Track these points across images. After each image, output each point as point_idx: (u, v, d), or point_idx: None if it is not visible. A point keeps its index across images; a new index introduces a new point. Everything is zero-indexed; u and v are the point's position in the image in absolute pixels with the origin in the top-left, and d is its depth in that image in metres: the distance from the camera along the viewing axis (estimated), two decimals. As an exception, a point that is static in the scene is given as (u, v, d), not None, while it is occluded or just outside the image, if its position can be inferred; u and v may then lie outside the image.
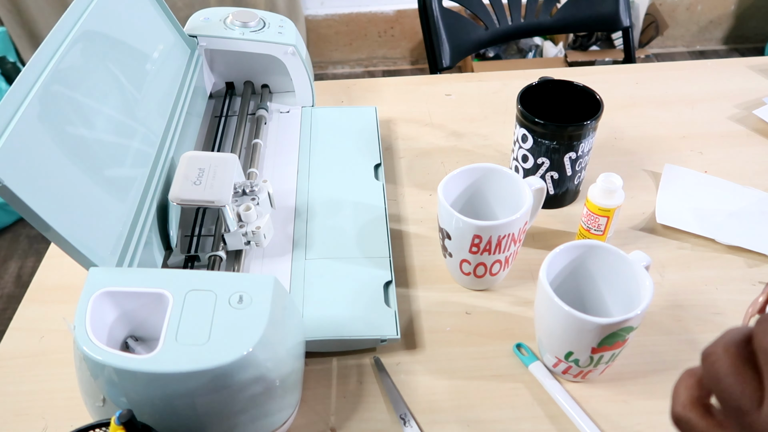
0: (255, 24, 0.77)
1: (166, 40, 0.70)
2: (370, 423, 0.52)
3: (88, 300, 0.44)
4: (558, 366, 0.53)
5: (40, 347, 0.59)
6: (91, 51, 0.57)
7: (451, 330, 0.59)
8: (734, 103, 0.88)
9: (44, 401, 0.55)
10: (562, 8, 1.19)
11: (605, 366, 0.52)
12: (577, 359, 0.50)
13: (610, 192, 0.61)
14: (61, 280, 0.66)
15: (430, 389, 0.54)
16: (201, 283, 0.45)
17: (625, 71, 0.96)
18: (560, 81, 0.70)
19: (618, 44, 2.22)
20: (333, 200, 0.69)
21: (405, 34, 2.40)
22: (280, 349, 0.46)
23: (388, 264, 0.62)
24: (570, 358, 0.51)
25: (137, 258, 0.53)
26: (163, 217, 0.60)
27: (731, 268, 0.64)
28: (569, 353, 0.50)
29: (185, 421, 0.43)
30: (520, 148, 0.68)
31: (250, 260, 0.62)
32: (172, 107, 0.67)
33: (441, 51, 1.12)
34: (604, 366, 0.52)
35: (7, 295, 1.65)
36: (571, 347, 0.50)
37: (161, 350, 0.42)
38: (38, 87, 0.48)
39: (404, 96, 0.91)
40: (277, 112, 0.81)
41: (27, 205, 0.43)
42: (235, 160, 0.60)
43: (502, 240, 0.56)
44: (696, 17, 2.40)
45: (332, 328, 0.56)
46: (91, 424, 0.42)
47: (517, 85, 0.71)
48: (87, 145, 0.52)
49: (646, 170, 0.77)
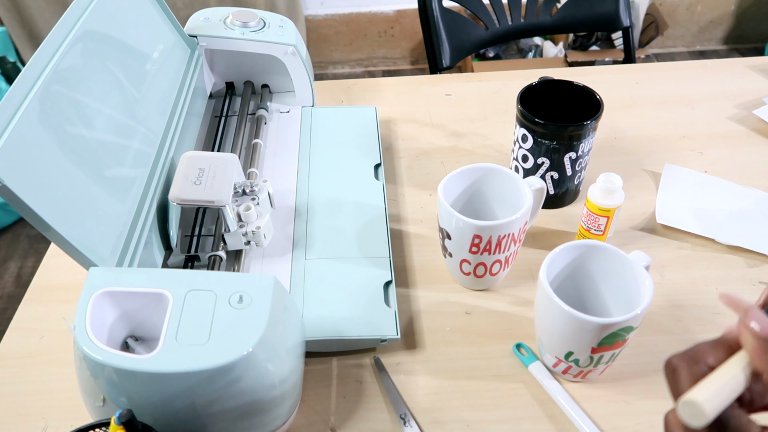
0: (255, 24, 0.77)
1: (166, 40, 0.70)
2: (370, 423, 0.52)
3: (88, 300, 0.44)
4: (558, 366, 0.53)
5: (40, 347, 0.59)
6: (91, 51, 0.57)
7: (451, 330, 0.59)
8: (734, 103, 0.88)
9: (44, 401, 0.55)
10: (562, 8, 1.19)
11: (605, 366, 0.52)
12: (577, 359, 0.50)
13: (610, 192, 0.61)
14: (61, 280, 0.66)
15: (430, 389, 0.54)
16: (201, 283, 0.45)
17: (625, 71, 0.96)
18: (560, 81, 0.70)
19: (618, 44, 2.22)
20: (333, 200, 0.69)
21: (405, 34, 2.40)
22: (280, 349, 0.46)
23: (388, 264, 0.62)
24: (570, 358, 0.51)
25: (137, 258, 0.53)
26: (163, 217, 0.60)
27: (731, 268, 0.64)
28: (569, 353, 0.50)
29: (185, 421, 0.43)
30: (520, 148, 0.68)
31: (250, 260, 0.62)
32: (172, 107, 0.67)
33: (441, 51, 1.12)
34: (604, 366, 0.52)
35: (7, 295, 1.65)
36: (571, 347, 0.50)
37: (161, 350, 0.42)
38: (38, 87, 0.48)
39: (404, 96, 0.91)
40: (277, 112, 0.81)
41: (27, 205, 0.43)
42: (235, 160, 0.60)
43: (502, 240, 0.56)
44: (696, 17, 2.40)
45: (332, 328, 0.56)
46: (91, 424, 0.42)
47: (517, 85, 0.71)
48: (87, 145, 0.52)
49: (646, 170, 0.77)
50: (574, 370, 0.52)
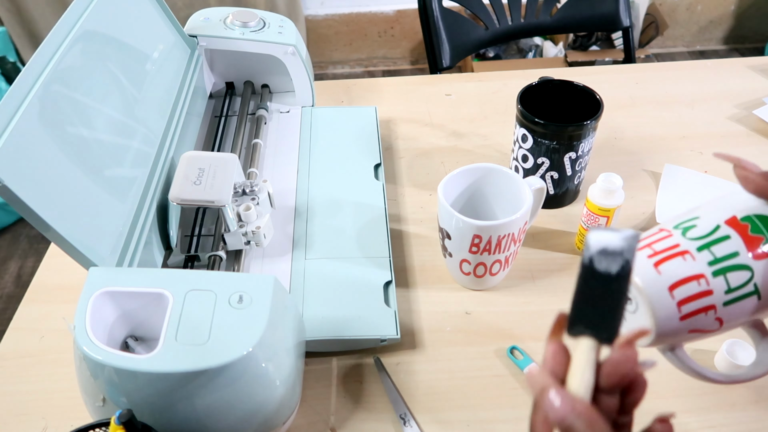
0: (255, 24, 0.77)
1: (166, 40, 0.70)
2: (370, 423, 0.52)
3: (88, 300, 0.44)
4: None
5: (40, 347, 0.59)
6: (91, 51, 0.57)
7: (451, 330, 0.59)
8: (734, 103, 0.88)
9: (44, 401, 0.55)
10: (562, 8, 1.19)
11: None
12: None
13: (610, 192, 0.61)
14: (61, 280, 0.66)
15: (430, 389, 0.54)
16: (201, 283, 0.45)
17: (625, 71, 0.96)
18: (560, 81, 0.70)
19: (618, 44, 2.22)
20: (333, 200, 0.69)
21: (405, 34, 2.40)
22: (280, 349, 0.46)
23: (388, 264, 0.62)
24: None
25: (137, 258, 0.53)
26: (163, 217, 0.60)
27: (731, 268, 0.64)
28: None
29: (185, 421, 0.43)
30: (520, 148, 0.68)
31: (250, 260, 0.62)
32: (172, 107, 0.67)
33: (441, 51, 1.12)
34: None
35: (7, 295, 1.65)
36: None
37: (161, 350, 0.42)
38: (38, 87, 0.48)
39: (404, 96, 0.91)
40: (277, 112, 0.81)
41: (27, 205, 0.43)
42: (235, 160, 0.60)
43: (502, 240, 0.56)
44: (696, 17, 2.40)
45: (332, 328, 0.56)
46: (91, 424, 0.42)
47: (517, 85, 0.71)
48: (87, 145, 0.52)
49: (646, 170, 0.77)
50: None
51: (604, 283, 0.29)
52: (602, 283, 0.29)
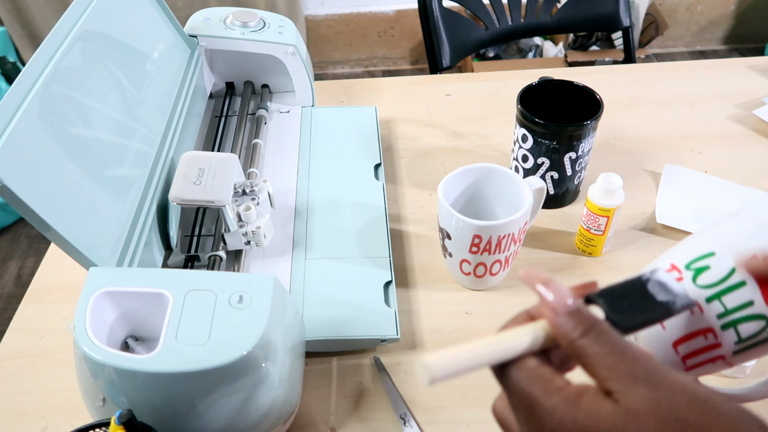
0: (255, 24, 0.77)
1: (166, 40, 0.70)
2: (370, 423, 0.52)
3: (88, 300, 0.44)
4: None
5: (40, 347, 0.59)
6: (91, 51, 0.57)
7: (451, 330, 0.59)
8: (734, 103, 0.88)
9: (44, 401, 0.55)
10: (562, 8, 1.19)
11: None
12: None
13: (610, 192, 0.61)
14: (61, 280, 0.66)
15: (430, 389, 0.54)
16: (201, 283, 0.45)
17: (625, 71, 0.96)
18: (560, 81, 0.70)
19: (618, 44, 2.22)
20: (333, 200, 0.69)
21: (405, 34, 2.40)
22: (279, 349, 0.46)
23: (388, 264, 0.62)
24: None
25: (137, 258, 0.53)
26: (163, 217, 0.60)
27: (731, 268, 0.64)
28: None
29: (185, 421, 0.43)
30: (520, 148, 0.68)
31: (250, 260, 0.62)
32: (172, 107, 0.67)
33: (441, 51, 1.12)
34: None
35: (7, 295, 1.65)
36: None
37: (161, 350, 0.42)
38: (38, 87, 0.48)
39: (404, 96, 0.91)
40: (277, 112, 0.81)
41: (27, 205, 0.43)
42: (235, 160, 0.60)
43: (502, 240, 0.56)
44: (696, 17, 2.40)
45: (332, 328, 0.56)
46: (91, 424, 0.42)
47: (517, 85, 0.71)
48: (87, 145, 0.52)
49: (646, 170, 0.77)
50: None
51: (644, 299, 0.29)
52: (642, 297, 0.30)
